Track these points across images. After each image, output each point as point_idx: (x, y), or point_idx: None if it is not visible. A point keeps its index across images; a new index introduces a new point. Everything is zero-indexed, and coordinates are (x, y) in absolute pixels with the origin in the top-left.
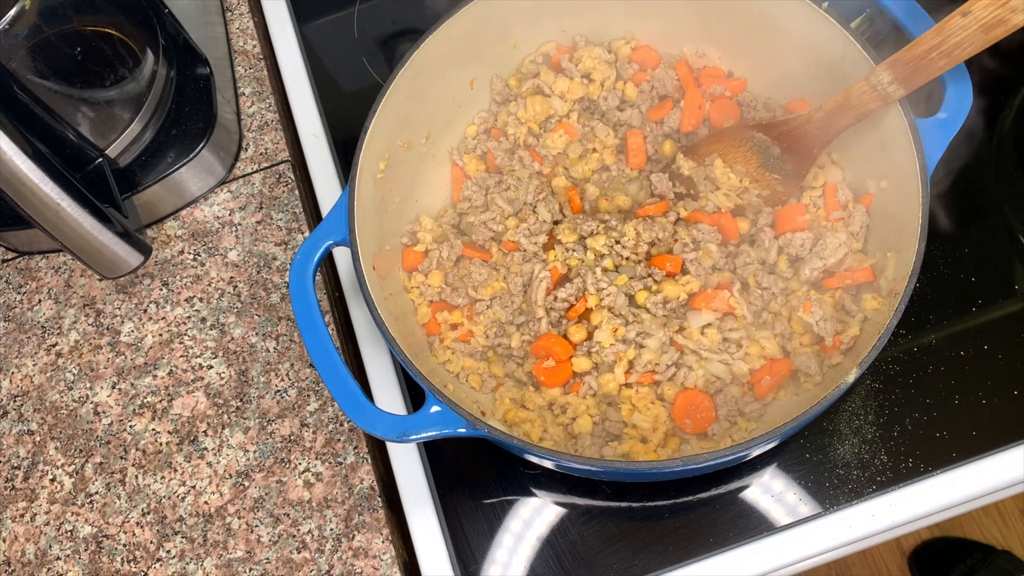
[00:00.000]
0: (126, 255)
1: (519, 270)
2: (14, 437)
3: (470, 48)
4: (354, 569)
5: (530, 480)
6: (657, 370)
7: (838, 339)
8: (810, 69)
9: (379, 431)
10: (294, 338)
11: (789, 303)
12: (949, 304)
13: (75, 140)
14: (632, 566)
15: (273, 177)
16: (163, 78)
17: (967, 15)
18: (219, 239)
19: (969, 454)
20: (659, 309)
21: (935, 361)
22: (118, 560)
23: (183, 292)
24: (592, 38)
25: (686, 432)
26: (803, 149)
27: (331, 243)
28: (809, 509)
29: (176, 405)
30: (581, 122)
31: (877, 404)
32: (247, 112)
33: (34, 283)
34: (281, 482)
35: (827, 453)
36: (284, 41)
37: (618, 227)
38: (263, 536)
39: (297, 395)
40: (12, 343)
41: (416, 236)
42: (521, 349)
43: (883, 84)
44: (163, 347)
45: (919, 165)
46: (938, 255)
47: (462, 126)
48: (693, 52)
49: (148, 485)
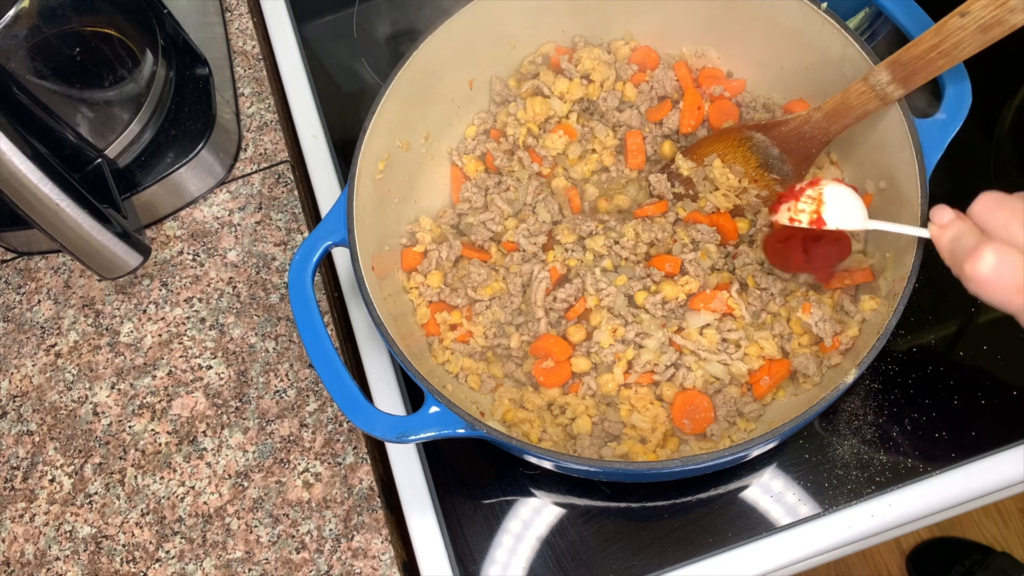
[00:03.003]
0: (125, 255)
1: (518, 270)
2: (13, 437)
3: (469, 48)
4: (353, 569)
5: (529, 480)
6: (656, 370)
7: (837, 340)
8: (809, 69)
9: (378, 431)
10: (293, 338)
11: (788, 304)
12: (949, 304)
13: (74, 140)
14: (631, 566)
15: (272, 177)
16: (162, 78)
17: (965, 15)
18: (218, 239)
19: (968, 454)
20: (658, 309)
21: (934, 361)
22: (117, 560)
23: (182, 292)
24: (591, 39)
25: (685, 432)
26: (802, 149)
27: (330, 243)
28: (808, 509)
29: (175, 405)
30: (580, 123)
31: (876, 404)
32: (246, 112)
33: (33, 283)
34: (280, 482)
35: (826, 453)
36: (283, 41)
37: (617, 227)
38: (262, 536)
39: (296, 395)
40: (11, 343)
41: (415, 236)
42: (520, 349)
43: (882, 84)
44: (162, 347)
45: (918, 165)
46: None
47: (461, 127)
48: (692, 53)
49: (147, 485)
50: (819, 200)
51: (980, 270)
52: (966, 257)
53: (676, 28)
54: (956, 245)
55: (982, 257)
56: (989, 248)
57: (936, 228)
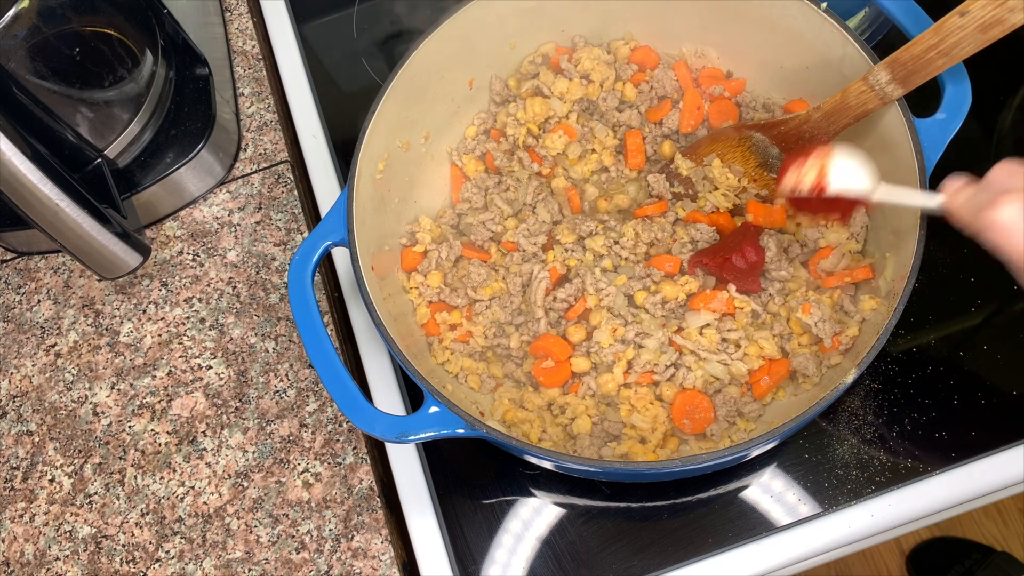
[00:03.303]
0: (125, 256)
1: (518, 270)
2: (13, 438)
3: (469, 48)
4: (353, 569)
5: (529, 480)
6: (656, 370)
7: (837, 339)
8: (809, 69)
9: (378, 431)
10: (293, 338)
11: (788, 304)
12: (949, 304)
13: (74, 140)
14: (631, 566)
15: (272, 177)
16: (162, 78)
17: (965, 14)
18: (218, 239)
19: (968, 454)
20: (658, 309)
21: (934, 361)
22: (117, 561)
23: (182, 292)
24: (591, 39)
25: (685, 432)
26: (802, 149)
27: (330, 243)
28: (808, 509)
29: (175, 405)
30: (580, 123)
31: (876, 404)
32: (246, 112)
33: (33, 284)
34: (280, 482)
35: (826, 453)
36: (283, 41)
37: (617, 227)
38: (262, 536)
39: (296, 395)
40: (11, 343)
41: (415, 236)
42: (520, 349)
43: (881, 84)
44: (162, 347)
45: (918, 165)
46: (938, 255)
47: (461, 127)
48: (692, 52)
49: (147, 485)
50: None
51: (1000, 217)
52: (984, 207)
53: (676, 28)
54: (972, 202)
55: (1002, 205)
56: (1008, 197)
57: (950, 193)
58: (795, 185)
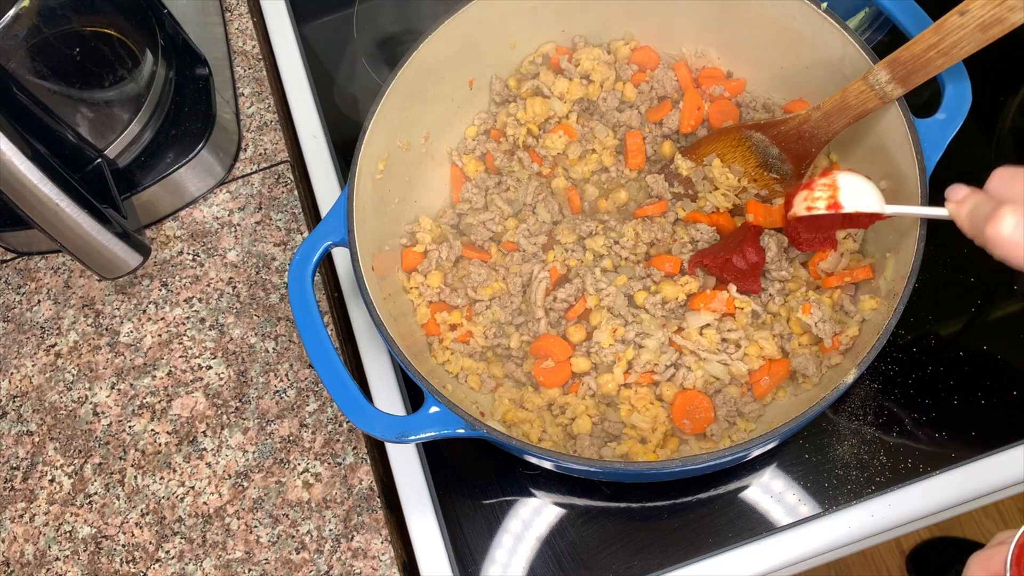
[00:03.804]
0: (125, 256)
1: (518, 270)
2: (13, 438)
3: (469, 48)
4: (353, 570)
5: (529, 481)
6: (656, 370)
7: (837, 340)
8: (809, 69)
9: (378, 432)
10: (293, 338)
11: (788, 304)
12: (949, 304)
13: (74, 140)
14: (631, 566)
15: (272, 177)
16: (162, 78)
17: (964, 14)
18: (218, 239)
19: (968, 454)
20: (658, 309)
21: (934, 361)
22: (117, 561)
23: (182, 292)
24: (591, 39)
25: (685, 432)
26: (801, 149)
27: (330, 243)
28: (808, 509)
29: (175, 406)
30: (580, 123)
31: (876, 404)
32: (246, 112)
33: (33, 284)
34: (280, 483)
35: (826, 453)
36: (283, 41)
37: (617, 227)
38: (262, 537)
39: (296, 395)
40: (11, 344)
41: (415, 236)
42: (520, 349)
43: (881, 83)
44: (162, 348)
45: (918, 165)
46: (938, 255)
47: (461, 127)
48: (692, 52)
49: (147, 486)
50: (834, 186)
51: (1002, 231)
52: (986, 222)
53: (676, 28)
54: (975, 214)
55: (1003, 219)
56: (1008, 210)
57: (953, 205)
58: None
